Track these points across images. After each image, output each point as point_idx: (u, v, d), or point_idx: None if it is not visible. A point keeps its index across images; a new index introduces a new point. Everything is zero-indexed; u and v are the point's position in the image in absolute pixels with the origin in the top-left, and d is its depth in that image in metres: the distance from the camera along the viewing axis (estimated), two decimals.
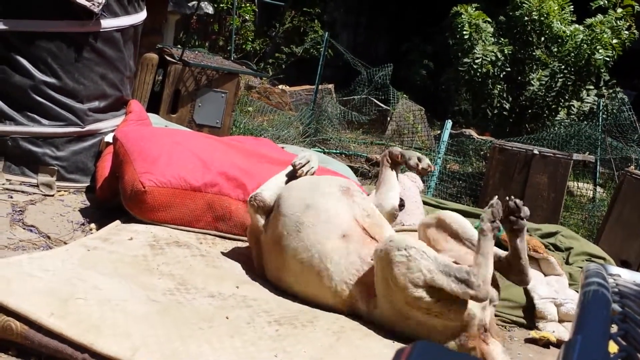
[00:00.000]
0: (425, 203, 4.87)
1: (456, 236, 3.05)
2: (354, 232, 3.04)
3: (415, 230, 3.72)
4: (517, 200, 2.91)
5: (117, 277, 2.90)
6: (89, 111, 4.58)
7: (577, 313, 1.23)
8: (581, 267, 4.17)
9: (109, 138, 4.56)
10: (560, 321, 3.77)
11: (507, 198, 2.93)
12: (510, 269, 2.95)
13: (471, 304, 2.72)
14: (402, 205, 3.57)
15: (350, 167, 6.50)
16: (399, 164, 3.62)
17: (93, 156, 4.63)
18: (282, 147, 5.39)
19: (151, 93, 6.06)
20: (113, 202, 3.94)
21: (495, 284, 2.89)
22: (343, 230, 3.03)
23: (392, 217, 3.45)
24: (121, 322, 2.51)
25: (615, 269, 1.74)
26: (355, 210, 3.14)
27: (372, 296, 2.89)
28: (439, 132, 9.19)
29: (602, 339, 1.08)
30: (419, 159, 3.49)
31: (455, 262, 2.83)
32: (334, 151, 8.60)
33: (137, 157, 3.78)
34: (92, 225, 3.82)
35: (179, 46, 7.31)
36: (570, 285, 3.97)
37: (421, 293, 2.69)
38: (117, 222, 3.63)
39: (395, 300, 2.77)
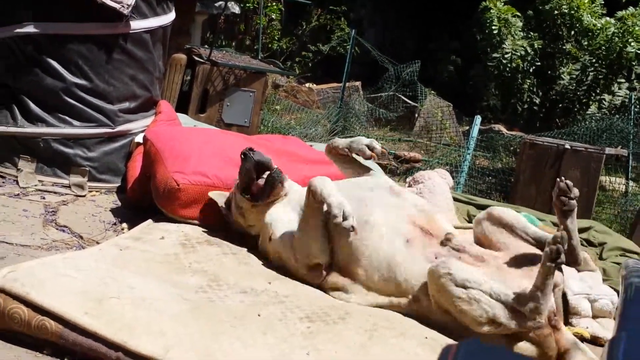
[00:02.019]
0: (455, 199, 4.83)
1: (510, 229, 3.03)
2: (414, 235, 3.03)
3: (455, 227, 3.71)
4: (568, 182, 2.87)
5: (149, 276, 2.91)
6: (119, 112, 4.61)
7: (620, 309, 1.21)
8: (615, 263, 4.12)
9: (139, 138, 4.59)
10: (594, 317, 3.72)
11: (558, 179, 2.90)
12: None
13: None
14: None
15: (379, 164, 6.48)
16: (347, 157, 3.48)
17: (123, 157, 4.66)
18: (311, 145, 5.39)
19: (180, 93, 6.09)
20: (144, 202, 3.96)
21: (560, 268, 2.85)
22: (405, 236, 3.02)
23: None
24: (154, 321, 2.51)
25: None
26: (409, 210, 3.13)
27: None
28: (467, 128, 9.13)
29: None
30: (370, 147, 3.35)
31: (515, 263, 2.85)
32: None
33: (168, 157, 3.80)
34: (124, 225, 3.85)
35: (206, 46, 7.33)
36: (604, 280, 3.91)
37: (485, 327, 2.71)
38: (149, 221, 3.64)
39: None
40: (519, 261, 2.89)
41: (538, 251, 2.89)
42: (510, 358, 0.78)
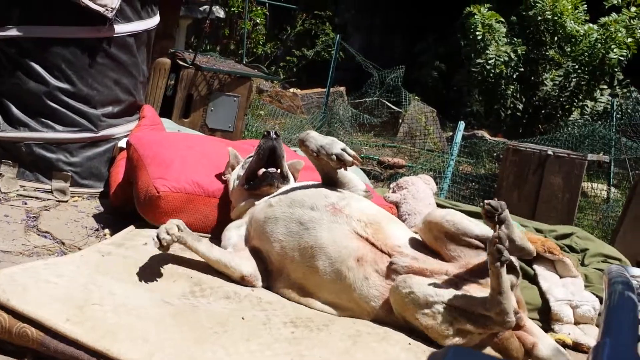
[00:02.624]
0: (438, 205, 4.84)
1: (452, 238, 2.94)
2: (364, 252, 2.96)
3: None
4: (493, 203, 2.78)
5: (131, 282, 2.90)
6: (103, 117, 4.58)
7: (604, 315, 1.22)
8: (597, 269, 4.14)
9: (122, 143, 4.56)
10: (576, 323, 3.74)
11: (484, 203, 2.82)
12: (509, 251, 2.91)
13: None
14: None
15: (363, 169, 6.49)
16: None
17: (106, 162, 4.63)
18: (295, 151, 5.38)
19: (164, 98, 6.07)
20: (127, 207, 3.94)
21: (512, 266, 2.85)
22: (355, 255, 2.96)
23: (368, 198, 3.42)
24: (137, 327, 2.50)
25: (636, 271, 1.72)
26: (354, 225, 3.04)
27: None
28: (451, 133, 9.17)
29: (631, 342, 1.07)
30: (340, 157, 3.16)
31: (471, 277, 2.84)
32: None
33: (150, 162, 3.78)
34: (107, 231, 3.83)
35: (190, 50, 7.32)
36: (586, 286, 3.93)
37: (453, 339, 2.71)
38: (131, 227, 3.62)
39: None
40: (470, 270, 2.87)
41: (483, 255, 2.85)
42: None
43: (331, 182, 3.37)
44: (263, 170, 3.43)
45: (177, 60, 6.20)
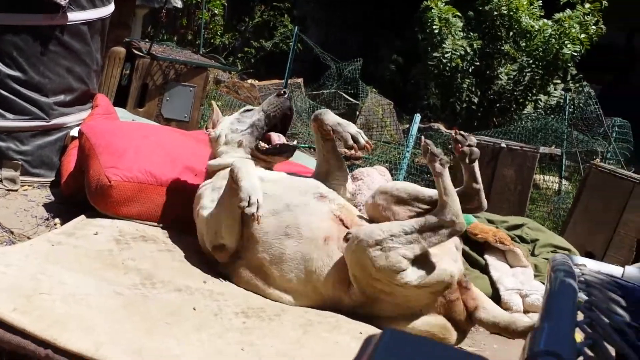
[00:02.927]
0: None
1: (401, 201, 2.99)
2: (332, 231, 2.99)
3: None
4: (461, 132, 2.94)
5: (82, 272, 2.86)
6: (55, 105, 4.51)
7: (544, 302, 1.24)
8: (547, 259, 4.22)
9: (74, 132, 4.50)
10: (526, 312, 3.81)
11: (454, 132, 2.95)
12: (468, 198, 2.97)
13: (448, 264, 2.77)
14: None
15: None
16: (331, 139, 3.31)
17: (58, 150, 4.56)
18: None
19: (118, 87, 6.00)
20: (78, 197, 3.88)
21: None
22: (324, 234, 2.98)
23: (351, 203, 3.43)
24: (86, 317, 2.47)
25: (580, 259, 1.76)
26: (332, 207, 3.09)
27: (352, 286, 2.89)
28: (407, 126, 9.21)
29: (569, 327, 1.09)
30: (355, 139, 3.19)
31: None
32: (303, 145, 8.58)
33: (103, 151, 3.73)
34: (57, 220, 3.77)
35: (147, 40, 7.23)
36: (535, 276, 4.01)
37: (408, 275, 2.71)
38: (82, 216, 3.57)
39: (381, 287, 2.78)
40: None
41: None
42: (431, 347, 0.80)
43: (325, 174, 3.38)
44: (284, 141, 3.35)
45: (132, 50, 6.12)
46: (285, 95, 3.38)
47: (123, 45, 6.11)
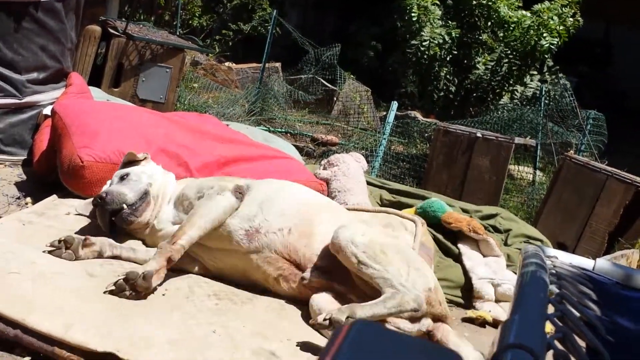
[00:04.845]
0: (369, 183, 4.88)
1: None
2: (281, 271, 2.93)
3: (367, 210, 3.69)
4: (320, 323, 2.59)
5: None
6: (27, 82, 4.44)
7: (515, 294, 1.24)
8: (519, 249, 4.25)
9: (47, 111, 4.44)
10: (497, 301, 3.84)
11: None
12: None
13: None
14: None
15: (296, 146, 6.48)
16: None
17: (31, 129, 4.50)
18: (227, 125, 5.33)
19: (93, 66, 5.92)
20: (50, 176, 3.84)
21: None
22: (273, 276, 2.94)
23: None
24: (56, 297, 2.44)
25: (552, 251, 1.76)
26: (272, 247, 2.95)
27: None
28: (384, 113, 9.22)
29: (539, 320, 1.09)
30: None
31: None
32: (280, 130, 8.57)
33: (76, 131, 3.69)
34: (28, 200, 3.72)
35: (123, 19, 7.14)
36: (508, 266, 4.04)
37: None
38: (54, 196, 3.53)
39: None
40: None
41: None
42: (400, 336, 0.79)
43: None
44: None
45: (108, 29, 6.04)
46: (98, 205, 3.07)
47: (98, 24, 6.03)
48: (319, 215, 3.05)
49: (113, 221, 3.05)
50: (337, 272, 2.85)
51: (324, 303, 2.73)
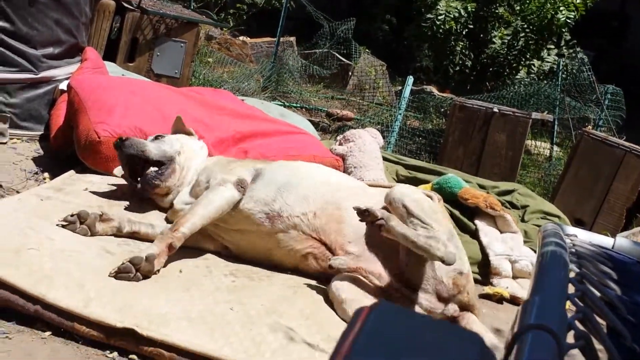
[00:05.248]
0: (384, 159, 4.87)
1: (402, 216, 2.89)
2: (311, 249, 2.97)
3: (383, 186, 3.69)
4: (360, 208, 2.75)
5: None
6: (43, 57, 4.44)
7: (535, 274, 1.23)
8: (536, 225, 4.24)
9: (63, 86, 4.44)
10: (515, 277, 3.83)
11: (356, 210, 2.77)
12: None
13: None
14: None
15: (311, 121, 6.46)
16: None
17: (47, 104, 4.51)
18: (242, 100, 5.32)
19: (108, 41, 5.91)
20: (67, 151, 3.85)
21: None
22: (300, 255, 2.98)
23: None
24: (74, 274, 2.46)
25: (571, 229, 1.75)
26: (297, 228, 2.99)
27: None
28: (400, 88, 9.16)
29: (559, 300, 1.08)
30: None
31: None
32: (295, 105, 8.54)
33: (92, 106, 3.69)
34: (46, 175, 3.74)
35: None
36: (525, 242, 4.02)
37: None
38: (72, 172, 3.55)
39: None
40: (405, 280, 2.84)
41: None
42: (422, 318, 0.79)
43: None
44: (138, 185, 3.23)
45: (122, 3, 6.02)
46: (118, 147, 3.19)
47: None
48: (346, 200, 3.06)
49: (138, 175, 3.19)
50: (366, 258, 2.87)
51: (345, 287, 2.75)
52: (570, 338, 0.99)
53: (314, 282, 2.89)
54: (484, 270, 3.86)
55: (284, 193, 3.02)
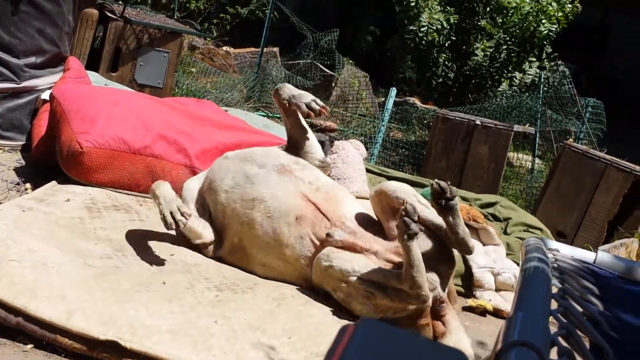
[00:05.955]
0: (368, 171, 4.88)
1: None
2: (305, 212, 3.00)
3: (367, 198, 3.72)
4: (442, 183, 2.85)
5: (52, 240, 2.83)
6: (25, 67, 4.42)
7: (518, 290, 1.24)
8: (519, 237, 4.26)
9: (45, 95, 4.41)
10: (497, 290, 3.84)
11: (433, 182, 2.87)
12: (450, 241, 2.95)
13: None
14: (330, 140, 3.51)
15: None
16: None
17: (29, 114, 4.48)
18: (226, 110, 5.32)
19: (91, 50, 5.88)
20: (49, 161, 3.83)
21: (449, 255, 2.92)
22: (295, 213, 3.00)
23: (323, 170, 3.41)
24: (56, 286, 2.45)
25: (554, 244, 1.76)
26: (302, 187, 3.09)
27: None
28: (383, 99, 9.19)
29: (542, 317, 1.09)
30: (309, 106, 3.25)
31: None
32: (278, 116, 8.52)
33: (74, 117, 3.67)
34: (28, 185, 3.72)
35: (120, 2, 7.09)
36: (507, 255, 4.04)
37: (369, 312, 2.76)
38: (54, 182, 3.53)
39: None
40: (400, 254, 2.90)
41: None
42: (408, 336, 0.79)
43: (294, 144, 3.38)
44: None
45: (105, 12, 6.00)
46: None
47: (95, 7, 5.98)
48: (342, 191, 3.27)
49: None
50: (362, 236, 2.95)
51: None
52: (553, 354, 1.00)
53: (297, 293, 2.88)
54: (467, 282, 3.87)
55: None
